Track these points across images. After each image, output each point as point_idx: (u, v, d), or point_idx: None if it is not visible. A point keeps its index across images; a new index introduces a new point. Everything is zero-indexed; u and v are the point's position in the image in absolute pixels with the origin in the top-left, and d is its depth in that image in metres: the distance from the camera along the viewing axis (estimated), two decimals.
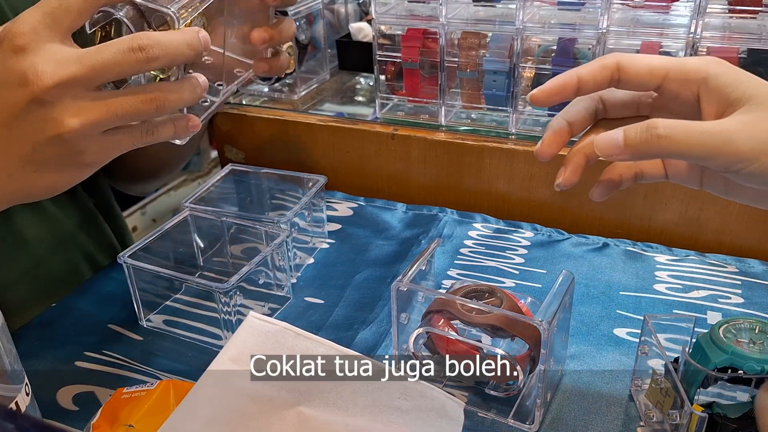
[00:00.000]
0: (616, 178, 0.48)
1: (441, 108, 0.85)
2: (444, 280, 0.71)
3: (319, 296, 0.69)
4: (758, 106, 0.39)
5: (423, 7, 0.82)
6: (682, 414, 0.47)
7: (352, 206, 0.86)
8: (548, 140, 0.46)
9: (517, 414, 0.54)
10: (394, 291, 0.54)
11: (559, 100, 0.45)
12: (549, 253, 0.75)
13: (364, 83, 1.01)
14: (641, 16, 0.75)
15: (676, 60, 0.43)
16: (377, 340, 0.63)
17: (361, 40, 1.00)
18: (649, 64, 0.43)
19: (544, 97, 0.45)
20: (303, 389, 0.47)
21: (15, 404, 0.42)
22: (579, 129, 0.47)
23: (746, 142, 0.38)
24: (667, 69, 0.43)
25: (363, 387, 0.47)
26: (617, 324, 0.64)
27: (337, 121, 0.88)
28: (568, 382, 0.57)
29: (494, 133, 0.82)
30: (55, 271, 0.72)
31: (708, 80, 0.41)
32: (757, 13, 0.71)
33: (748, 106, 0.40)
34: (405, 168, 0.86)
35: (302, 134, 0.89)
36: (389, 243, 0.78)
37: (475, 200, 0.84)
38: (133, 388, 0.50)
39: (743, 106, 0.40)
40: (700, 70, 0.42)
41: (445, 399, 0.48)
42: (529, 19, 0.77)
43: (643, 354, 0.54)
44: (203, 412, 0.45)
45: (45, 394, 0.55)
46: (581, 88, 0.45)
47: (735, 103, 0.40)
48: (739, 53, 0.71)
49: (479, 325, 0.53)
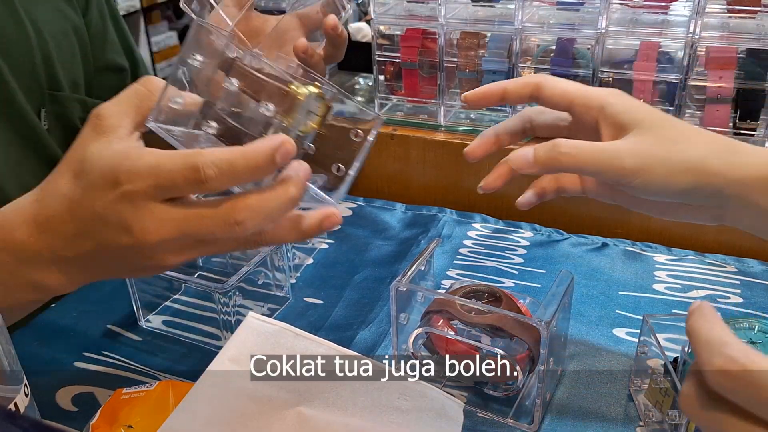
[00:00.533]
0: (539, 190, 0.54)
1: (440, 108, 0.85)
2: (443, 280, 0.71)
3: (318, 297, 0.69)
4: (644, 130, 0.46)
5: (422, 8, 0.82)
6: (681, 414, 0.47)
7: (351, 206, 0.86)
8: (475, 144, 0.53)
9: (516, 414, 0.54)
10: (394, 291, 0.54)
11: (486, 104, 0.53)
12: (548, 253, 0.75)
13: (363, 83, 1.01)
14: (640, 16, 0.75)
15: (583, 88, 0.50)
16: (377, 340, 0.63)
17: (360, 41, 1.00)
18: (563, 88, 0.50)
19: (474, 99, 0.52)
20: (303, 389, 0.47)
21: (14, 405, 0.42)
22: (506, 142, 0.54)
23: (630, 159, 0.45)
24: (575, 95, 0.49)
25: (362, 387, 0.47)
26: (616, 324, 0.64)
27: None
28: (567, 382, 0.57)
29: None
30: None
31: (605, 108, 0.48)
32: (756, 13, 0.71)
33: (636, 130, 0.46)
34: (404, 168, 0.86)
35: None
36: (388, 243, 0.78)
37: (474, 200, 0.84)
38: (133, 389, 0.50)
39: (632, 130, 0.46)
40: (599, 97, 0.48)
41: (444, 399, 0.48)
42: (528, 19, 0.77)
43: (642, 354, 0.54)
44: (203, 412, 0.45)
45: (44, 395, 0.55)
46: (506, 97, 0.52)
47: (626, 128, 0.47)
48: (738, 53, 0.71)
49: (479, 326, 0.53)
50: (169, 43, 3.52)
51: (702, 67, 0.72)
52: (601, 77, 0.76)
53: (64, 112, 0.77)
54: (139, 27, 3.31)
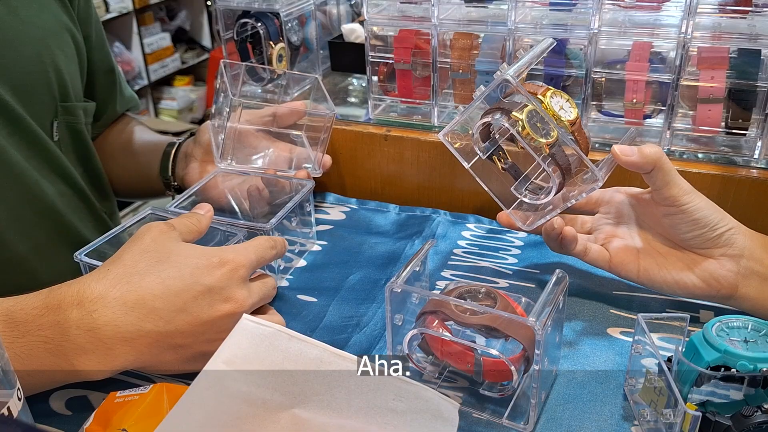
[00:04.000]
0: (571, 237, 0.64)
1: (434, 109, 0.85)
2: (438, 281, 0.71)
3: (312, 296, 0.69)
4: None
5: (415, 8, 0.82)
6: (675, 413, 0.47)
7: (344, 210, 0.85)
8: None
9: (511, 414, 0.54)
10: (388, 292, 0.54)
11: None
12: (542, 254, 0.75)
13: (357, 84, 1.01)
14: (632, 16, 0.76)
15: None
16: (371, 342, 0.63)
17: (353, 41, 1.00)
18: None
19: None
20: (297, 392, 0.47)
21: (7, 409, 0.41)
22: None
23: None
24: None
25: (357, 389, 0.47)
26: (611, 323, 0.64)
27: None
28: (562, 382, 0.57)
29: None
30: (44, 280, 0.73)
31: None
32: (747, 13, 0.72)
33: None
34: (398, 169, 0.86)
35: None
36: (383, 244, 0.78)
37: (468, 200, 0.84)
38: (126, 392, 0.50)
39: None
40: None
41: (439, 400, 0.48)
42: (521, 19, 0.77)
43: (636, 353, 0.54)
44: (197, 415, 0.44)
45: (37, 399, 0.54)
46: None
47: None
48: (730, 53, 0.71)
49: (473, 326, 0.53)
50: (162, 44, 3.50)
51: (694, 66, 0.73)
52: (594, 77, 0.76)
53: (73, 120, 0.79)
54: (132, 28, 3.30)
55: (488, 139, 0.61)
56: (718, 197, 0.63)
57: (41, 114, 0.74)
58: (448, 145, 0.62)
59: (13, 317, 0.50)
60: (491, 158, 0.61)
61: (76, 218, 0.78)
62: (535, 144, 0.58)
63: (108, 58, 0.89)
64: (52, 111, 0.75)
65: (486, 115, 0.60)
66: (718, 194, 0.71)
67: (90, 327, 0.50)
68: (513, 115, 0.57)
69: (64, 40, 0.77)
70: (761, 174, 0.71)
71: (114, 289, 0.51)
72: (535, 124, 0.58)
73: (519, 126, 0.57)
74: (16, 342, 0.50)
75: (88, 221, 0.81)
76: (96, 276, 0.53)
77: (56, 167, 0.76)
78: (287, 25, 0.91)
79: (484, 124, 0.60)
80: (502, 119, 0.58)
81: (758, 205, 0.71)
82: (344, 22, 1.06)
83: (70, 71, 0.78)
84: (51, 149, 0.75)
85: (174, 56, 3.60)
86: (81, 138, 0.81)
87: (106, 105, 0.89)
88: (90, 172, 0.84)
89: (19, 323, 0.50)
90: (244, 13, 0.91)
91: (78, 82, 0.80)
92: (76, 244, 0.74)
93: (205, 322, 0.53)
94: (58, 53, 0.75)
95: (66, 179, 0.77)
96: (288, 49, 0.92)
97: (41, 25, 0.74)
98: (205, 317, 0.53)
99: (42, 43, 0.73)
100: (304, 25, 0.97)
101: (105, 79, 0.89)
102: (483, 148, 0.61)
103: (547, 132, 0.58)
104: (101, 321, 0.50)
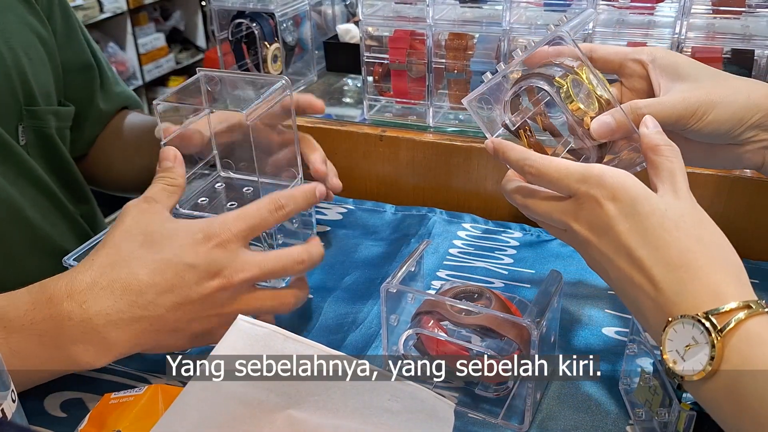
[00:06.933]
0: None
1: (429, 109, 0.85)
2: (433, 281, 0.71)
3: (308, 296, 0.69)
4: (699, 77, 0.54)
5: (410, 9, 0.82)
6: (670, 412, 0.47)
7: (341, 211, 0.85)
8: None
9: (507, 414, 0.54)
10: (384, 292, 0.54)
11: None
12: (537, 253, 0.75)
13: (352, 85, 1.01)
14: (626, 17, 0.76)
15: (630, 48, 0.58)
16: (367, 342, 0.63)
17: (348, 42, 1.00)
18: (615, 48, 0.58)
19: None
20: (293, 392, 0.46)
21: (1, 411, 0.41)
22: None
23: (698, 102, 0.52)
24: (626, 51, 0.57)
25: (353, 389, 0.47)
26: (606, 323, 0.64)
27: (324, 122, 0.88)
28: (557, 382, 0.57)
29: (482, 134, 0.82)
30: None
31: (656, 60, 0.55)
32: (741, 14, 0.72)
33: (691, 78, 0.54)
34: (393, 169, 0.86)
35: None
36: (378, 244, 0.78)
37: (463, 201, 0.84)
38: (121, 394, 0.50)
39: (687, 78, 0.54)
40: (649, 52, 0.56)
41: (435, 400, 0.48)
42: (516, 20, 0.77)
43: (631, 353, 0.55)
44: (192, 416, 0.44)
45: (32, 401, 0.54)
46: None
47: (681, 77, 0.54)
48: (723, 53, 0.72)
49: (468, 326, 0.53)
50: (156, 44, 3.50)
51: None
52: None
53: (41, 125, 0.76)
54: (126, 29, 3.29)
55: (516, 112, 0.55)
56: (712, 197, 0.63)
57: (5, 118, 0.71)
58: (473, 113, 0.55)
59: (4, 314, 0.50)
60: (517, 132, 0.55)
61: (48, 223, 0.76)
62: (578, 116, 0.52)
63: (83, 55, 0.84)
64: (17, 115, 0.73)
65: (522, 81, 0.53)
66: (712, 194, 0.71)
67: (82, 318, 0.50)
68: (557, 80, 0.51)
69: (30, 42, 0.75)
70: (755, 174, 0.72)
71: (101, 278, 0.51)
72: (578, 93, 0.52)
73: (563, 93, 0.51)
74: (10, 338, 0.50)
75: (62, 226, 0.79)
76: (83, 267, 0.53)
77: (24, 171, 0.73)
78: (282, 25, 0.91)
79: (521, 87, 0.53)
80: (544, 84, 0.52)
81: (752, 205, 0.71)
82: (339, 22, 1.06)
83: (36, 74, 0.75)
84: (18, 153, 0.72)
85: (168, 56, 3.60)
86: (51, 142, 0.78)
87: (84, 104, 0.85)
88: (63, 176, 0.81)
89: (12, 319, 0.50)
90: (239, 14, 0.91)
91: (48, 86, 0.77)
92: (48, 251, 0.73)
93: (195, 301, 0.52)
94: (22, 56, 0.73)
95: (36, 184, 0.74)
96: (283, 50, 0.92)
97: (2, 27, 0.72)
98: (195, 296, 0.52)
99: (5, 46, 0.71)
100: (299, 26, 0.97)
101: (80, 76, 0.84)
102: (511, 120, 0.54)
103: (590, 104, 0.53)
104: (92, 311, 0.50)
